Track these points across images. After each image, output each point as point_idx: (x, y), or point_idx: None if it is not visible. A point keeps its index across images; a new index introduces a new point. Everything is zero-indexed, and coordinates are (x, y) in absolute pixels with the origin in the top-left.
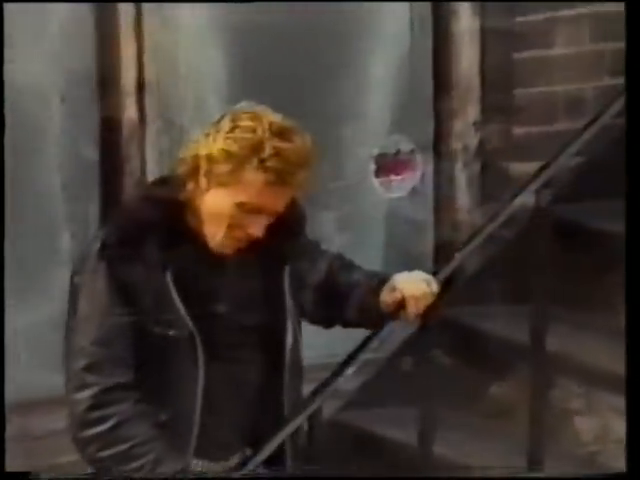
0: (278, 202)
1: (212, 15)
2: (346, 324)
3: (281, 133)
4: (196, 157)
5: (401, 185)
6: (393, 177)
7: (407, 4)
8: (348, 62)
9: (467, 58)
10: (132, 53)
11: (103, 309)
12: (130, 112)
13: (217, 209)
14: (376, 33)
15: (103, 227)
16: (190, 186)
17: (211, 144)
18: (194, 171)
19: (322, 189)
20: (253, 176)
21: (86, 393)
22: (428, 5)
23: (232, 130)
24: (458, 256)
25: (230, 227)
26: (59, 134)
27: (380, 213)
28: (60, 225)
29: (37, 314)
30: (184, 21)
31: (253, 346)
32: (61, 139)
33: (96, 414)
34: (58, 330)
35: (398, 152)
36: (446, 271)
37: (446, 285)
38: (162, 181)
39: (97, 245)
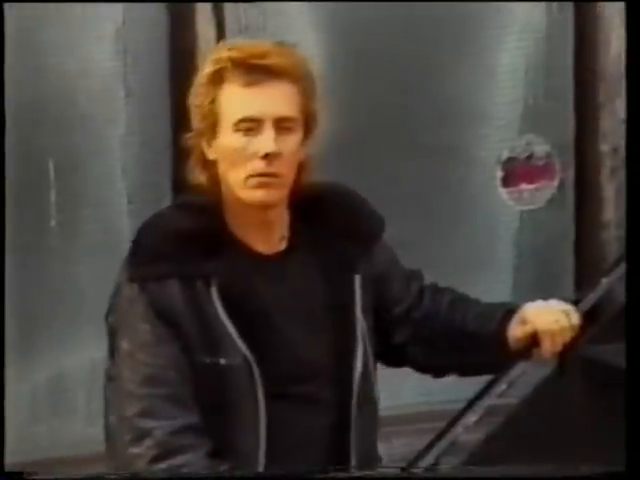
0: (275, 104)
1: None
2: (465, 371)
3: (242, 43)
4: (191, 137)
5: (535, 195)
6: (525, 186)
7: None
8: (471, 50)
9: (617, 42)
10: (211, 36)
11: (146, 341)
12: None
13: (222, 148)
14: (506, 14)
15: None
16: (203, 169)
17: None
18: (199, 153)
19: (436, 199)
20: (226, 86)
21: (146, 443)
22: None
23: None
24: (605, 281)
25: (241, 160)
26: (123, 135)
27: (509, 229)
28: (124, 244)
29: (96, 352)
30: None
31: (318, 377)
32: (126, 141)
33: (162, 466)
34: None
35: (531, 156)
36: (590, 300)
37: (590, 317)
38: (191, 190)
39: (126, 268)
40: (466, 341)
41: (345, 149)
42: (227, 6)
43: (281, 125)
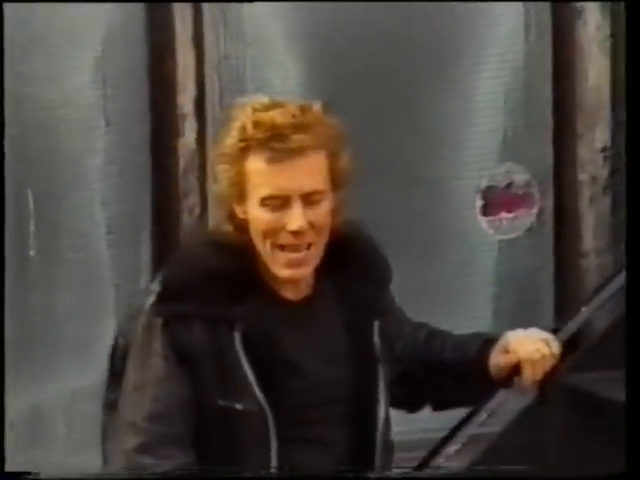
0: (301, 180)
1: (290, 23)
2: (440, 404)
3: (264, 107)
4: (219, 192)
5: (514, 224)
6: (504, 215)
7: (521, 6)
8: (449, 79)
9: (595, 70)
10: (190, 66)
11: (158, 377)
12: (188, 137)
13: (251, 216)
14: (484, 43)
15: (157, 277)
16: (231, 221)
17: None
18: (228, 208)
19: (416, 228)
20: (252, 159)
21: None
22: (547, 8)
23: (223, 132)
24: (584, 310)
25: (270, 233)
26: (103, 164)
27: (488, 258)
28: (104, 274)
29: (76, 381)
30: (251, 28)
31: (337, 422)
32: (105, 171)
33: None
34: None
35: (510, 184)
36: (570, 329)
37: (570, 346)
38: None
39: (151, 298)
40: (443, 371)
41: None
42: (207, 35)
43: (309, 199)
